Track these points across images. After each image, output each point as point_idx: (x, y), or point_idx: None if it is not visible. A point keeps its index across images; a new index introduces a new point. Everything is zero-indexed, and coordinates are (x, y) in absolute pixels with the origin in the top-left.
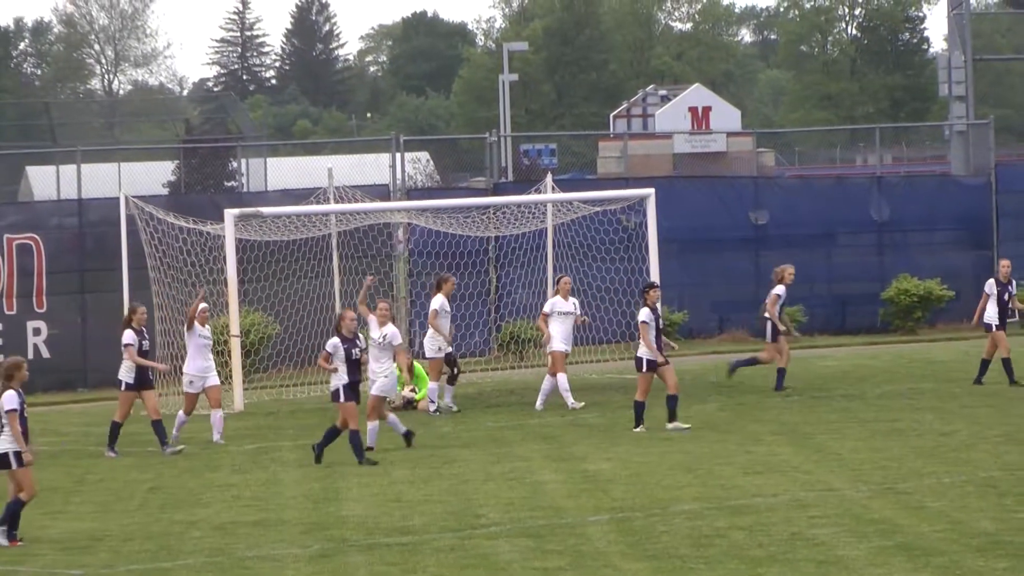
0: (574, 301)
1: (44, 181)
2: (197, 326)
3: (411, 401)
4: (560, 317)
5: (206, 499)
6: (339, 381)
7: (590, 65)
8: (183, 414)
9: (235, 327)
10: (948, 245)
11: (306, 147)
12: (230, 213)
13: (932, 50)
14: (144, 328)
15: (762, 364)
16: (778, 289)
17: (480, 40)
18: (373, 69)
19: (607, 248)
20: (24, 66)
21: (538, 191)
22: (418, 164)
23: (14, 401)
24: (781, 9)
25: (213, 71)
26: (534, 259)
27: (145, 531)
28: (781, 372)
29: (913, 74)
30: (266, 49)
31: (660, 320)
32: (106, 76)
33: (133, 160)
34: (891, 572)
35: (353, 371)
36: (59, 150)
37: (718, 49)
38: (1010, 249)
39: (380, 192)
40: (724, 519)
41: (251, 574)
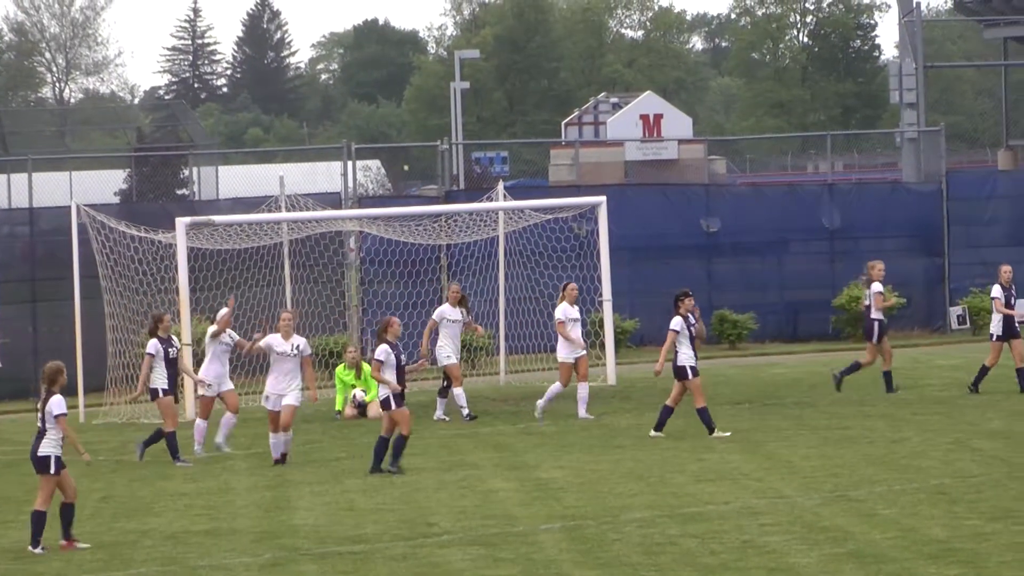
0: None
1: None
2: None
3: (362, 403)
4: (572, 324)
5: (158, 508)
6: (386, 392)
7: (541, 73)
8: (201, 420)
9: (187, 335)
10: (899, 252)
11: (258, 155)
12: (182, 222)
13: (883, 57)
14: (172, 336)
15: (864, 367)
16: (876, 287)
17: (431, 48)
18: (324, 77)
19: (559, 256)
20: None
21: (490, 199)
22: (369, 172)
23: (63, 405)
24: (733, 16)
25: (164, 79)
26: (486, 267)
27: (97, 540)
28: (887, 375)
29: (864, 81)
30: (217, 57)
31: (692, 329)
32: (57, 84)
33: (84, 168)
34: None
35: (401, 377)
36: (10, 159)
37: (669, 57)
38: (960, 256)
39: (331, 200)
40: (676, 527)
41: None
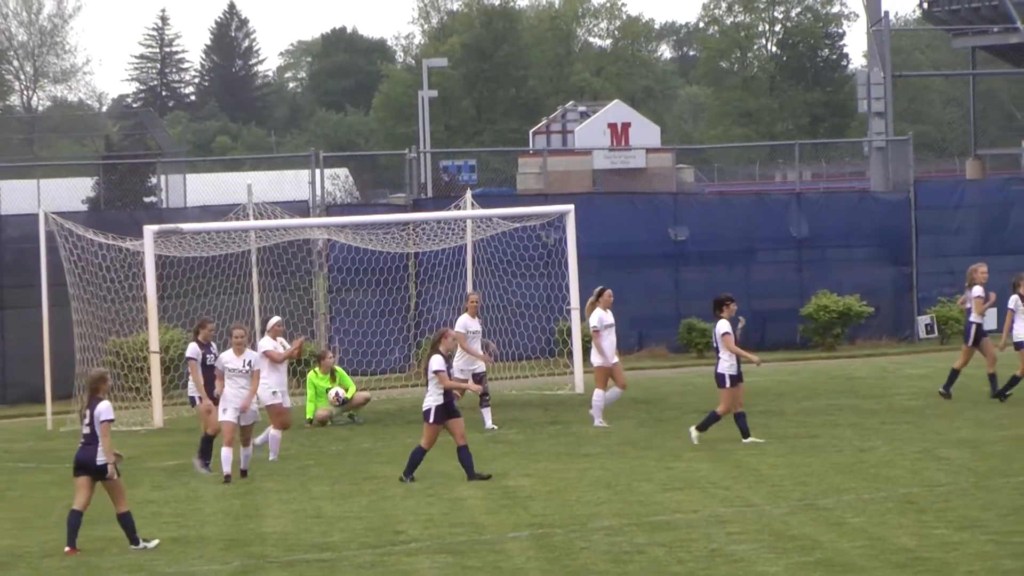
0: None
1: None
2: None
3: (345, 399)
4: (607, 331)
5: None
6: (435, 401)
7: (509, 81)
8: (275, 431)
9: (154, 343)
10: (867, 261)
11: (225, 163)
12: (149, 229)
13: (851, 66)
14: (212, 342)
15: (958, 370)
16: (977, 291)
17: (399, 56)
18: (292, 85)
19: (527, 264)
20: None
21: (458, 207)
22: (337, 180)
23: (111, 411)
24: (701, 25)
25: (132, 87)
26: (454, 275)
27: (64, 548)
28: (992, 377)
29: (832, 90)
30: (185, 65)
31: (737, 333)
32: (25, 92)
33: (52, 176)
34: None
35: (448, 391)
36: None
37: (638, 65)
38: (928, 265)
39: (299, 208)
40: (643, 535)
41: None
